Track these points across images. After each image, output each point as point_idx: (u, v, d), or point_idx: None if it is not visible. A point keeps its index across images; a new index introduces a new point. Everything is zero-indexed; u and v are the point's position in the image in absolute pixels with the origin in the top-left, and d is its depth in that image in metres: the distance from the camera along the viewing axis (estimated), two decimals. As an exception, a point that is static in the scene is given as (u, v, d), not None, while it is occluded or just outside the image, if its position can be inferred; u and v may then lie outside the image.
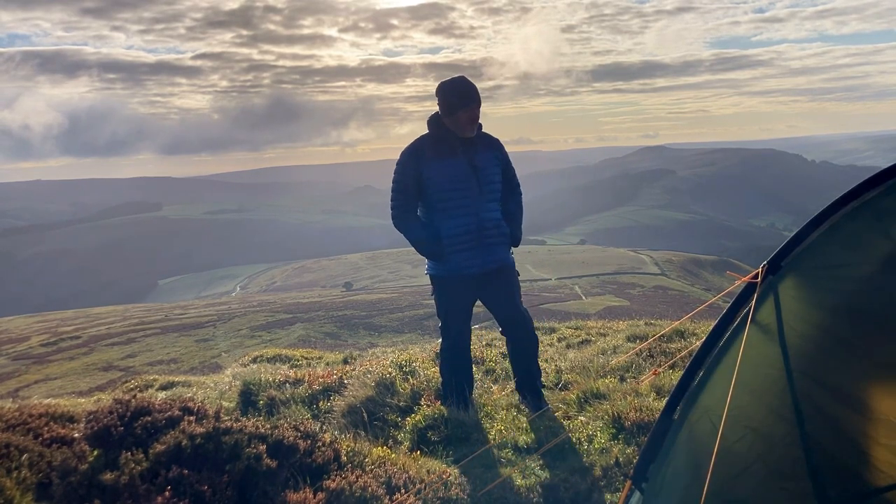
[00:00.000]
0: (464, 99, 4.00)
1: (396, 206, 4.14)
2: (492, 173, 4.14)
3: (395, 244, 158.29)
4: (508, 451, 3.71)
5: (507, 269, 4.25)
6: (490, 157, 4.15)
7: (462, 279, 4.15)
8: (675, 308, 34.14)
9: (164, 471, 2.89)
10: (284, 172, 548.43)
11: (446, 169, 4.03)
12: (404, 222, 4.14)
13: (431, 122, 4.12)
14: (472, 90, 4.03)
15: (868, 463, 1.84)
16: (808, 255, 2.24)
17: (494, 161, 4.16)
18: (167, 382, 7.75)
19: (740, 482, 2.14)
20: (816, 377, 2.04)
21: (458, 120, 4.03)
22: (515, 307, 4.30)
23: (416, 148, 4.11)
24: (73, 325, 54.95)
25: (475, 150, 4.11)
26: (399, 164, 4.12)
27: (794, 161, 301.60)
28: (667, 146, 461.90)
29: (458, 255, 4.09)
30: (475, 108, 4.04)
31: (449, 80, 4.09)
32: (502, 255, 4.20)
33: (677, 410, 2.55)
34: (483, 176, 4.09)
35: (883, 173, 2.04)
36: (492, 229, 4.13)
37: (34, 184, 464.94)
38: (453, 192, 4.04)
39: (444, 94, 4.04)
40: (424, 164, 4.05)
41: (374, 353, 7.09)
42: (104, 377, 34.31)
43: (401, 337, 37.26)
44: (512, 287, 4.29)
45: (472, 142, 4.12)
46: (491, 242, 4.13)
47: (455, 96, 4.01)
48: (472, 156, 4.09)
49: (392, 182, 4.14)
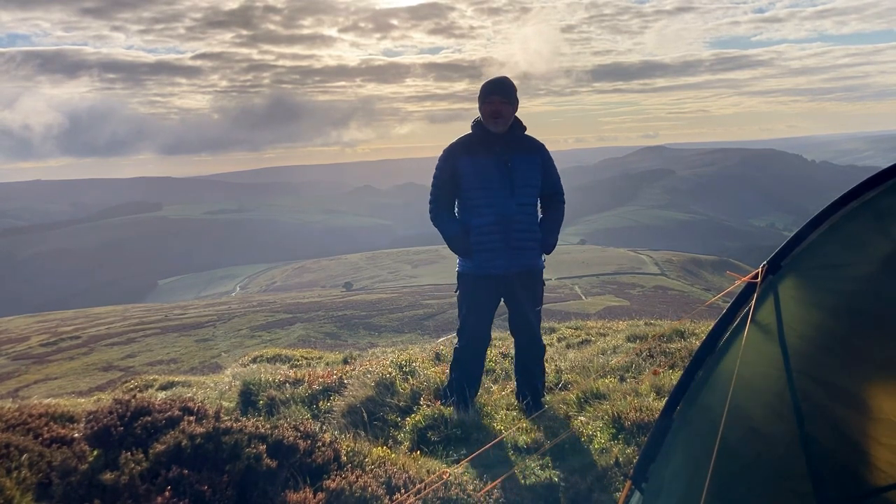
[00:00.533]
0: (485, 93, 4.09)
1: (432, 201, 4.26)
2: (528, 176, 4.10)
3: (395, 244, 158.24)
4: (508, 451, 3.71)
5: (533, 275, 4.21)
6: (529, 159, 4.12)
7: (487, 279, 4.16)
8: (675, 308, 34.16)
9: (164, 471, 2.89)
10: (284, 172, 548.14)
11: (478, 166, 4.08)
12: (438, 217, 4.25)
13: (474, 122, 4.21)
14: (495, 85, 4.08)
15: (868, 462, 1.84)
16: (808, 255, 2.24)
17: (533, 164, 4.12)
18: (167, 382, 7.76)
19: (740, 482, 2.14)
20: (816, 377, 2.04)
21: (482, 114, 4.11)
22: (532, 314, 4.28)
23: (455, 145, 4.20)
24: (73, 325, 54.93)
25: (513, 151, 4.10)
26: (439, 161, 4.24)
27: (794, 161, 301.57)
28: (667, 146, 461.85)
29: (484, 254, 4.11)
30: (496, 101, 4.05)
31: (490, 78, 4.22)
32: (530, 260, 4.16)
33: (677, 410, 2.55)
34: (517, 177, 4.06)
35: (883, 173, 2.03)
36: (521, 232, 4.10)
37: (34, 184, 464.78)
38: (483, 189, 4.08)
39: (480, 90, 4.18)
40: (460, 160, 4.13)
41: (374, 353, 7.09)
42: (104, 377, 34.30)
43: (401, 337, 37.25)
44: (534, 295, 4.26)
45: (512, 143, 4.10)
46: (519, 245, 4.10)
47: (482, 90, 4.13)
48: (509, 156, 4.07)
49: (432, 178, 4.27)
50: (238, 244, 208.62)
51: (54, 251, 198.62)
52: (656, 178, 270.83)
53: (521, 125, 4.20)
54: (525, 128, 4.20)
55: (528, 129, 4.25)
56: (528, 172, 4.10)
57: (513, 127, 4.14)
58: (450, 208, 4.26)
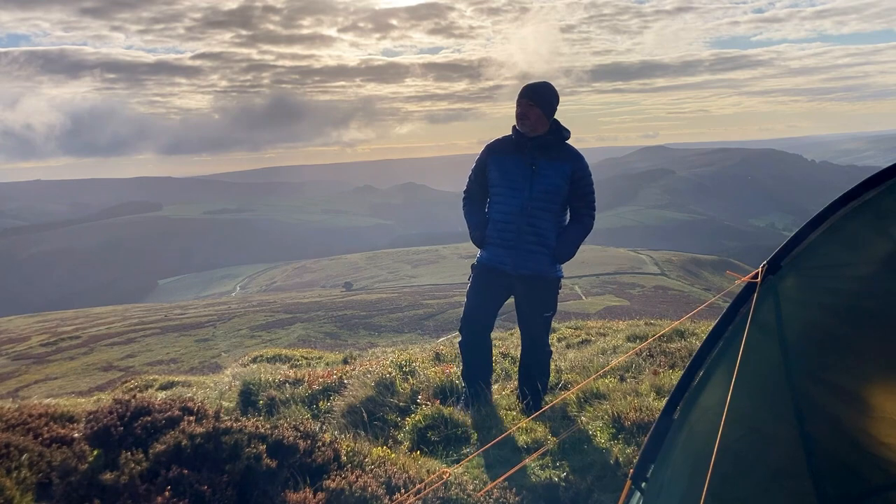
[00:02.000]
0: (519, 95, 4.15)
1: (465, 192, 4.45)
2: (553, 183, 4.08)
3: (395, 244, 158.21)
4: (508, 451, 3.71)
5: (542, 281, 4.19)
6: (558, 166, 4.09)
7: (494, 273, 4.24)
8: (675, 308, 34.15)
9: (164, 471, 2.89)
10: (284, 172, 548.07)
11: (504, 163, 4.17)
12: (465, 206, 4.44)
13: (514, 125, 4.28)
14: (526, 87, 4.14)
15: (868, 462, 1.84)
16: (808, 255, 2.24)
17: (562, 172, 4.09)
18: (167, 382, 7.76)
19: (740, 482, 2.14)
20: (816, 377, 2.04)
21: (516, 115, 4.17)
22: (537, 320, 4.29)
23: (492, 143, 4.33)
24: (73, 325, 54.93)
25: (544, 155, 4.10)
26: (479, 155, 4.38)
27: (794, 161, 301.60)
28: (667, 146, 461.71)
29: (496, 249, 4.21)
30: (523, 103, 4.09)
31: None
32: (538, 266, 4.15)
33: (677, 410, 2.55)
34: (539, 180, 4.07)
35: (883, 173, 2.03)
36: (533, 235, 4.11)
37: (34, 184, 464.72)
38: (504, 187, 4.16)
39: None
40: (491, 157, 4.25)
41: (374, 353, 7.09)
42: (104, 377, 34.31)
43: (401, 337, 37.26)
44: (544, 300, 4.24)
45: (544, 147, 4.10)
46: (530, 248, 4.12)
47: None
48: (537, 159, 4.10)
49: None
50: (238, 244, 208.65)
51: (54, 251, 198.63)
52: (656, 178, 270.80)
53: (561, 133, 4.17)
54: (566, 136, 4.18)
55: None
56: (553, 179, 4.08)
57: (549, 132, 4.13)
58: (478, 200, 4.39)
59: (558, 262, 4.20)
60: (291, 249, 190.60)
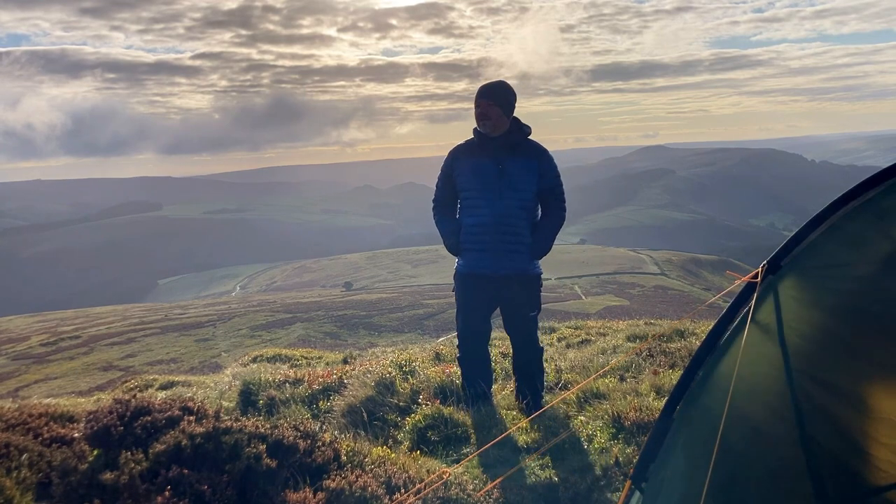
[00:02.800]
0: (476, 96, 4.15)
1: (434, 200, 4.42)
2: (521, 180, 4.09)
3: (395, 244, 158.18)
4: (508, 451, 3.71)
5: (525, 279, 4.20)
6: (524, 163, 4.10)
7: (476, 278, 4.23)
8: (675, 308, 34.15)
9: (164, 470, 2.89)
10: (284, 172, 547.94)
11: (471, 167, 4.16)
12: (435, 214, 4.39)
13: (475, 127, 4.25)
14: (483, 88, 4.13)
15: (868, 462, 1.84)
16: (808, 254, 2.24)
17: (528, 169, 4.10)
18: (167, 382, 7.76)
19: (740, 482, 2.14)
20: (816, 377, 2.04)
21: (475, 116, 4.16)
22: (524, 319, 4.29)
23: (457, 147, 4.31)
24: (73, 325, 54.91)
25: (509, 154, 4.11)
26: (444, 161, 4.36)
27: (794, 161, 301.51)
28: (667, 146, 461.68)
29: (473, 254, 4.20)
30: (482, 104, 4.09)
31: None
32: (519, 264, 4.15)
33: (677, 410, 2.55)
34: (508, 180, 4.07)
35: (883, 173, 2.03)
36: (509, 234, 4.11)
37: (34, 184, 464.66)
38: (473, 190, 4.16)
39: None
40: (457, 162, 4.24)
41: (374, 353, 7.09)
42: (104, 377, 34.30)
43: (400, 337, 37.25)
44: (528, 299, 4.25)
45: (508, 146, 4.11)
46: (508, 248, 4.11)
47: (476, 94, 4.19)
48: (503, 159, 4.09)
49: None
50: (238, 244, 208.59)
51: (54, 251, 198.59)
52: (656, 177, 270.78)
53: (523, 130, 4.18)
54: (527, 132, 4.18)
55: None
56: (522, 176, 4.09)
57: (511, 131, 4.13)
58: (449, 207, 4.36)
59: (535, 257, 4.19)
60: (291, 249, 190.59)
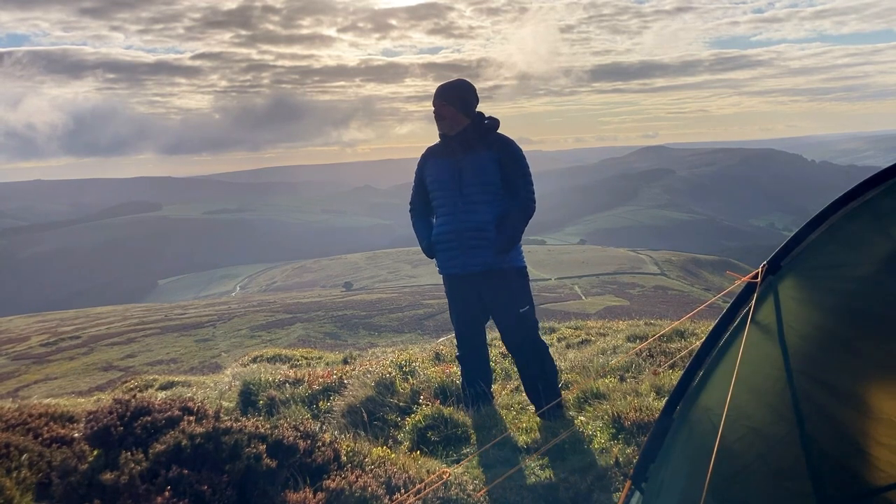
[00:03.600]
0: (433, 97, 4.18)
1: (410, 203, 4.47)
2: (479, 174, 4.04)
3: (395, 244, 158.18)
4: (508, 451, 3.71)
5: (497, 274, 4.10)
6: (484, 157, 4.05)
7: (452, 278, 4.25)
8: (675, 308, 34.12)
9: (164, 471, 2.89)
10: (284, 172, 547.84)
11: (435, 169, 4.20)
12: (412, 218, 4.43)
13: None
14: (438, 88, 4.16)
15: (868, 462, 1.84)
16: (808, 255, 2.24)
17: (487, 162, 4.04)
18: (167, 382, 7.76)
19: (740, 482, 2.14)
20: (816, 377, 2.04)
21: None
22: (514, 317, 4.16)
23: (425, 151, 4.34)
24: (73, 325, 54.91)
25: (467, 150, 4.08)
26: (417, 165, 4.39)
27: (794, 161, 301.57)
28: (667, 146, 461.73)
29: (443, 255, 4.21)
30: (436, 104, 4.13)
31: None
32: (485, 259, 4.07)
33: (677, 410, 2.55)
34: (467, 177, 4.05)
35: (883, 173, 2.03)
36: (471, 231, 4.06)
37: (34, 184, 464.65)
38: (438, 191, 4.19)
39: None
40: (425, 165, 4.29)
41: (374, 353, 7.10)
42: (104, 377, 34.31)
43: (401, 337, 37.24)
44: (509, 293, 4.14)
45: (467, 143, 4.08)
46: (473, 245, 4.07)
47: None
48: (462, 156, 4.08)
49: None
50: (238, 244, 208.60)
51: (54, 251, 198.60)
52: (656, 177, 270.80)
53: (481, 125, 4.13)
54: (487, 127, 4.14)
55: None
56: (480, 171, 4.04)
57: (468, 128, 4.11)
58: (423, 211, 4.38)
59: (500, 251, 4.05)
60: (291, 249, 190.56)
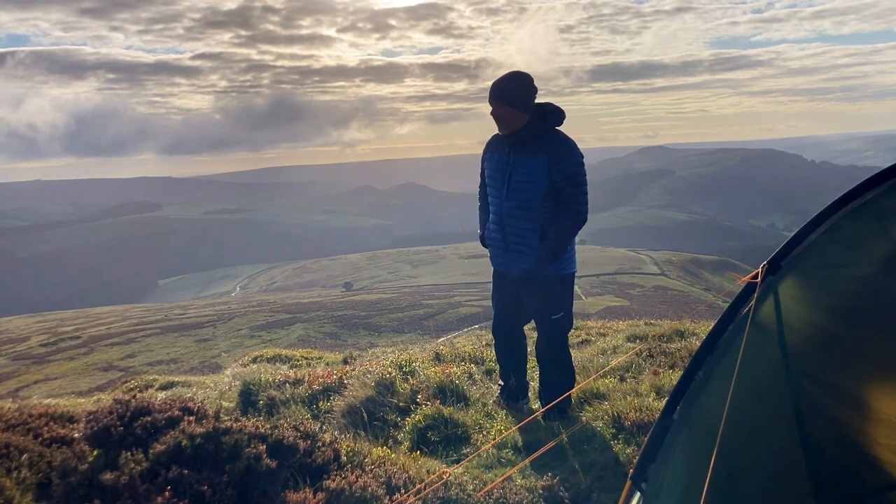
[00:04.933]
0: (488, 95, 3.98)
1: (479, 188, 4.44)
2: (526, 179, 3.89)
3: (395, 244, 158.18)
4: (508, 451, 3.71)
5: (539, 282, 4.03)
6: (535, 162, 3.86)
7: (498, 275, 4.32)
8: (675, 308, 34.13)
9: (164, 471, 2.89)
10: (284, 172, 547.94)
11: (489, 164, 4.17)
12: (479, 204, 4.45)
13: None
14: (491, 88, 3.92)
15: (868, 463, 1.84)
16: (808, 255, 2.24)
17: (538, 168, 3.85)
18: (167, 382, 7.75)
19: (740, 482, 2.14)
20: (816, 377, 2.04)
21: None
22: (544, 322, 4.15)
23: (491, 137, 4.24)
24: (73, 325, 54.91)
25: (522, 151, 3.91)
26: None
27: (794, 161, 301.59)
28: (667, 146, 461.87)
29: (493, 250, 4.25)
30: (493, 105, 3.91)
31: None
32: (526, 265, 4.00)
33: (677, 410, 2.55)
34: (513, 179, 3.93)
35: (883, 173, 2.03)
36: (514, 235, 4.00)
37: (34, 184, 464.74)
38: (490, 186, 4.17)
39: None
40: (485, 157, 4.26)
41: (374, 353, 7.09)
42: (104, 377, 34.30)
43: (401, 337, 37.25)
44: (543, 301, 4.09)
45: (520, 143, 3.91)
46: (515, 249, 4.03)
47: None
48: (514, 157, 3.93)
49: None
50: (238, 244, 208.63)
51: (54, 251, 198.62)
52: (656, 178, 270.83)
53: (542, 123, 3.90)
54: (551, 123, 3.92)
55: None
56: (527, 175, 3.89)
57: (526, 126, 3.89)
58: (486, 199, 4.35)
59: (541, 262, 3.93)
60: (291, 249, 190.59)
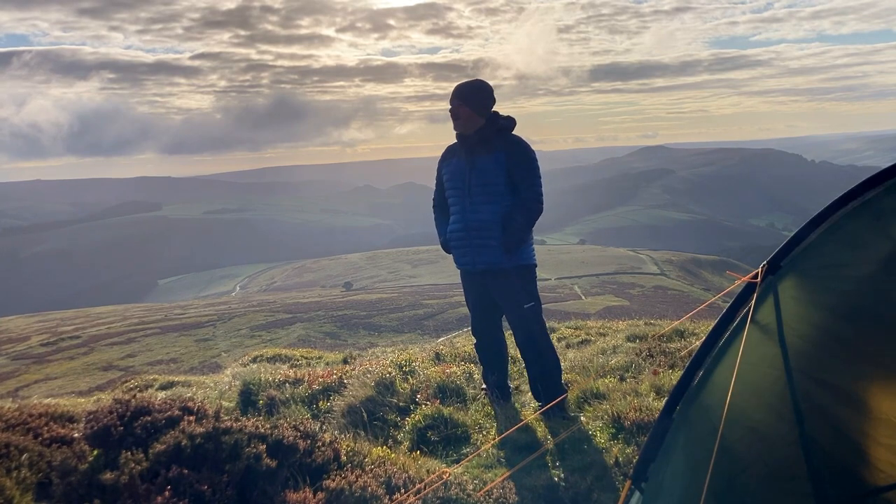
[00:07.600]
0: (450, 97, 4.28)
1: (433, 200, 4.59)
2: (486, 175, 4.14)
3: (395, 244, 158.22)
4: (508, 451, 3.71)
5: (503, 273, 4.21)
6: (494, 157, 4.14)
7: (464, 274, 4.44)
8: (674, 308, 34.12)
9: (164, 470, 2.89)
10: (284, 172, 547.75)
11: (450, 168, 4.33)
12: (434, 214, 4.58)
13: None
14: (455, 88, 4.25)
15: (868, 463, 1.84)
16: (808, 255, 2.24)
17: (496, 161, 4.13)
18: (167, 382, 7.75)
19: (740, 482, 2.14)
20: (816, 377, 2.04)
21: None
22: (518, 313, 4.27)
23: (447, 148, 4.45)
24: (73, 325, 54.90)
25: (481, 150, 4.17)
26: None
27: (794, 161, 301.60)
28: (666, 146, 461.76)
29: (456, 251, 4.36)
30: (453, 104, 4.21)
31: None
32: (491, 258, 4.17)
33: (677, 410, 2.55)
34: (474, 177, 4.16)
35: (883, 173, 2.04)
36: (478, 230, 4.17)
37: (34, 184, 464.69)
38: (451, 190, 4.32)
39: None
40: (443, 164, 4.42)
41: (374, 353, 7.09)
42: (104, 377, 34.29)
43: (400, 337, 37.26)
44: (512, 290, 4.23)
45: (479, 143, 4.17)
46: (480, 244, 4.19)
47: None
48: (474, 157, 4.18)
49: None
50: (238, 244, 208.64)
51: (54, 251, 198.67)
52: (656, 177, 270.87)
53: (494, 125, 4.18)
54: (501, 127, 4.18)
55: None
56: (487, 172, 4.13)
57: (483, 127, 4.17)
58: (443, 208, 4.51)
59: (506, 251, 4.14)
60: (291, 249, 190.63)
